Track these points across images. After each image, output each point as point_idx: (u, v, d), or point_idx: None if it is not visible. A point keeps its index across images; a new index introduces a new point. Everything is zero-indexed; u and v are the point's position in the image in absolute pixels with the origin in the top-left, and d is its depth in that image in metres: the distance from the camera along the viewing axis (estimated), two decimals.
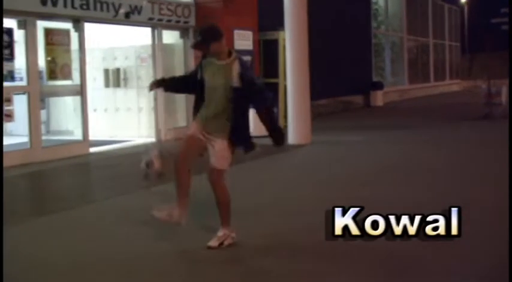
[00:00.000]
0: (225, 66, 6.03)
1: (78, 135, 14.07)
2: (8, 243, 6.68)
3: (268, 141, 6.35)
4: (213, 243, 6.09)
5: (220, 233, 6.17)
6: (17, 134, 14.15)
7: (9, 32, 12.05)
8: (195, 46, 6.40)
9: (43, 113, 14.02)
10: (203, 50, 6.19)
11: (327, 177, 10.40)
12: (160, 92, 6.82)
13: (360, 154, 12.99)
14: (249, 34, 17.42)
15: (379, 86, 26.98)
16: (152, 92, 9.40)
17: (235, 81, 5.98)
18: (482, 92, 21.21)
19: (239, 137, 6.17)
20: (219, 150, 6.11)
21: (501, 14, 21.56)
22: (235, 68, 6.00)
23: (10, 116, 12.19)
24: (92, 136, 14.08)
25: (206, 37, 6.00)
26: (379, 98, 26.52)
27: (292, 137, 14.37)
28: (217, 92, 6.06)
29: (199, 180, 6.42)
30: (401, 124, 18.54)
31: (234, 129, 6.09)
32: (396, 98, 29.63)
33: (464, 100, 28.17)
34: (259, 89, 6.26)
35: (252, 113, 6.16)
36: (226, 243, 6.13)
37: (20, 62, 12.40)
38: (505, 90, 20.44)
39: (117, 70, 16.47)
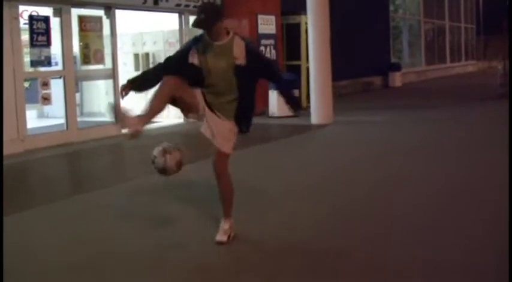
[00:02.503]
0: (225, 46, 5.40)
1: (111, 117, 14.13)
2: (50, 219, 6.88)
3: (292, 121, 6.22)
4: (223, 237, 5.65)
5: (225, 226, 5.72)
6: (53, 116, 14.35)
7: (46, 19, 12.15)
8: (198, 25, 5.31)
9: (77, 96, 14.12)
10: (207, 29, 5.35)
11: (350, 156, 10.48)
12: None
13: (380, 133, 13.00)
14: (272, 18, 17.41)
15: (397, 67, 26.89)
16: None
17: (239, 59, 5.40)
18: (498, 73, 21.12)
19: (243, 117, 5.58)
20: (224, 130, 5.53)
21: None
22: (238, 45, 5.42)
23: (48, 99, 12.37)
24: None
25: (211, 16, 5.29)
26: (397, 79, 26.44)
27: (314, 117, 14.44)
28: (220, 73, 5.44)
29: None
30: (419, 104, 18.50)
31: (240, 109, 5.53)
32: (414, 79, 29.55)
33: (480, 81, 28.06)
34: (272, 67, 5.89)
35: (276, 95, 5.99)
36: (232, 235, 5.72)
37: (55, 48, 12.51)
38: None
39: (147, 54, 16.52)
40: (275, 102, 15.75)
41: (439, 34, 35.96)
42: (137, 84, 5.63)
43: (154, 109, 5.29)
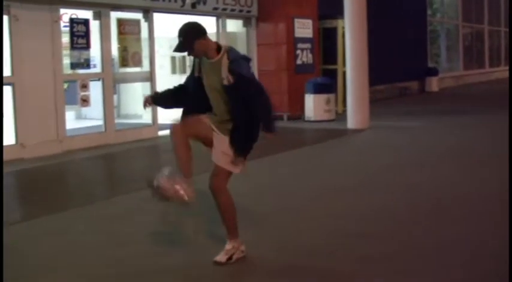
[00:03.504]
0: (215, 64, 5.25)
1: (147, 119, 14.30)
2: (87, 220, 7.00)
3: (329, 125, 6.14)
4: (221, 258, 5.37)
5: (228, 246, 5.42)
6: (90, 117, 14.53)
7: (86, 22, 12.34)
8: (177, 49, 5.32)
9: (114, 98, 14.27)
10: (188, 52, 5.33)
11: (386, 161, 10.48)
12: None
13: (416, 139, 12.94)
14: (309, 22, 17.43)
15: (434, 72, 26.75)
16: None
17: (225, 79, 5.21)
18: None
19: (236, 139, 5.32)
20: (221, 144, 5.32)
21: None
22: (224, 64, 5.22)
23: (86, 101, 12.55)
24: (160, 120, 14.31)
25: (187, 37, 5.23)
26: (434, 84, 26.29)
27: (351, 122, 14.43)
28: (214, 92, 5.35)
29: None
30: (456, 109, 18.37)
31: (234, 130, 5.30)
32: (451, 84, 29.35)
33: None
34: (252, 91, 5.33)
35: (312, 99, 5.77)
36: (235, 257, 5.39)
37: (95, 50, 12.68)
38: None
39: (183, 58, 16.63)
40: (311, 106, 15.80)
41: (477, 38, 35.70)
42: (158, 99, 5.69)
43: (185, 161, 5.30)
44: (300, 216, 6.91)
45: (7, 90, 10.98)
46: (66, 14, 12.43)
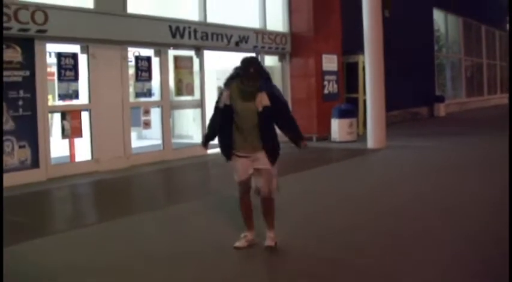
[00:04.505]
0: (254, 91, 5.55)
1: (197, 139, 14.43)
2: (152, 224, 7.21)
3: (352, 145, 6.27)
4: (271, 243, 5.83)
5: (272, 234, 5.86)
6: (150, 137, 14.73)
7: (148, 59, 12.66)
8: (256, 76, 5.48)
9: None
10: (256, 80, 5.49)
11: (400, 173, 10.65)
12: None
13: (427, 156, 12.99)
14: (334, 58, 17.59)
15: (441, 99, 26.65)
16: None
17: (260, 103, 5.56)
18: None
19: (273, 152, 5.73)
20: (263, 157, 5.71)
21: None
22: (263, 95, 5.56)
23: (148, 124, 12.83)
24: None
25: (259, 66, 5.58)
26: (441, 109, 26.17)
27: (370, 142, 14.48)
28: (248, 115, 5.60)
29: None
30: (461, 131, 18.34)
31: (268, 144, 5.70)
32: (456, 110, 29.23)
33: None
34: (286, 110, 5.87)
35: (337, 122, 5.96)
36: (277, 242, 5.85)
37: (155, 81, 12.97)
38: None
39: None
40: (337, 128, 15.92)
41: (477, 70, 35.57)
42: (209, 137, 6.01)
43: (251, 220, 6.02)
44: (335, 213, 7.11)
45: (85, 115, 11.33)
46: (132, 52, 12.75)
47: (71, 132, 10.99)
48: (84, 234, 6.72)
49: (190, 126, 15.50)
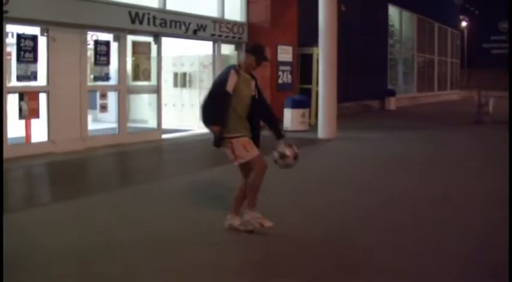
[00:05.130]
0: (251, 78, 5.89)
1: (153, 124, 14.71)
2: (105, 205, 7.42)
3: (303, 135, 6.36)
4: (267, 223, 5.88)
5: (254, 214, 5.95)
6: (105, 121, 14.81)
7: (107, 43, 12.80)
8: (266, 58, 6.03)
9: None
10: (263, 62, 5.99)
11: (348, 163, 11.08)
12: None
13: (375, 148, 13.46)
14: (290, 49, 17.96)
15: (392, 93, 27.23)
16: None
17: (253, 91, 5.89)
18: (475, 102, 21.65)
19: (258, 136, 5.99)
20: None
21: (491, 41, 21.86)
22: (253, 80, 5.92)
23: (105, 108, 13.01)
24: (164, 125, 14.81)
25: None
26: (392, 103, 26.73)
27: (321, 133, 14.85)
28: (247, 101, 5.85)
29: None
30: (411, 125, 18.90)
31: (256, 128, 5.97)
32: (407, 104, 29.91)
33: (462, 107, 28.41)
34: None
35: (290, 112, 6.09)
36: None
37: (113, 66, 13.10)
38: (492, 101, 20.94)
39: (184, 74, 17.15)
40: (289, 118, 16.28)
41: (429, 66, 36.42)
42: (220, 121, 5.72)
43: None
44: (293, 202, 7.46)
45: (43, 96, 11.46)
46: (92, 36, 12.88)
47: (28, 113, 11.09)
48: (35, 214, 6.83)
49: (145, 111, 15.66)
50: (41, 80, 11.45)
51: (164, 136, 14.64)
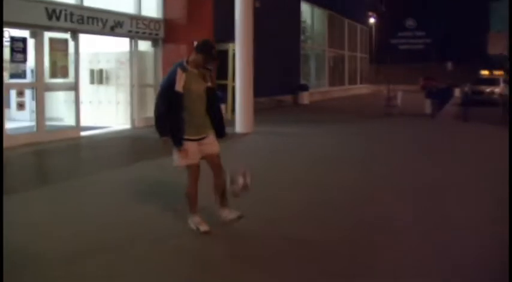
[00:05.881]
0: (201, 72, 5.79)
1: (71, 122, 14.57)
2: (21, 206, 7.39)
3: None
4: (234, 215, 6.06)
5: (227, 212, 6.10)
6: (19, 119, 14.64)
7: (24, 40, 12.64)
8: (216, 58, 5.74)
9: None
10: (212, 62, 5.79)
11: (264, 155, 11.46)
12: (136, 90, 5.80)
13: (291, 141, 13.95)
14: None
15: (305, 87, 27.89)
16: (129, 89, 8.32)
17: (210, 83, 5.83)
18: (383, 96, 22.64)
19: (221, 128, 6.03)
20: (213, 141, 5.97)
21: (398, 37, 22.83)
22: (207, 72, 5.85)
23: (22, 106, 12.86)
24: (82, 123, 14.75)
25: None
26: (305, 98, 27.37)
27: (239, 127, 15.24)
28: (198, 97, 5.77)
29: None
30: (323, 119, 19.61)
31: (218, 122, 5.97)
32: (319, 98, 30.67)
33: (371, 101, 29.54)
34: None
35: None
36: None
37: (30, 63, 12.99)
38: (399, 95, 21.99)
39: (101, 71, 17.04)
40: None
41: (339, 61, 37.48)
42: (166, 131, 5.74)
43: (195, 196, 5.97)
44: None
45: None
46: (8, 32, 12.61)
47: None
48: None
49: (62, 109, 15.49)
50: None
51: (83, 133, 14.58)
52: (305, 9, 30.50)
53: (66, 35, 14.05)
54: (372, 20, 50.10)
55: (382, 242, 5.68)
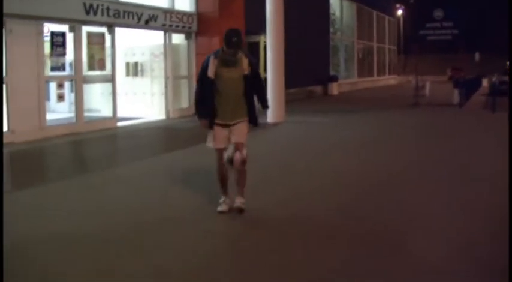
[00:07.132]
0: (239, 59, 5.82)
1: (108, 113, 14.74)
2: (66, 193, 7.45)
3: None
4: (243, 205, 6.06)
5: (242, 200, 6.08)
6: (60, 111, 14.84)
7: (63, 34, 12.81)
8: (237, 45, 5.69)
9: None
10: (240, 47, 5.74)
11: (295, 144, 11.46)
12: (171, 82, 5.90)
13: (322, 130, 13.95)
14: None
15: (334, 78, 27.86)
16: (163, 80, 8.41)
17: (246, 69, 5.84)
18: (412, 86, 22.45)
19: (254, 116, 6.01)
20: (242, 129, 5.98)
21: (426, 28, 22.55)
22: (244, 59, 5.86)
23: (62, 97, 13.05)
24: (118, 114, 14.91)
25: (241, 37, 5.74)
26: (335, 88, 27.38)
27: (270, 117, 15.10)
28: (233, 82, 5.83)
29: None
30: (352, 109, 19.49)
31: (251, 110, 5.99)
32: (348, 89, 30.60)
33: (400, 91, 29.27)
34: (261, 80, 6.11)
35: None
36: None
37: (69, 57, 13.16)
38: (428, 85, 21.81)
39: (136, 63, 17.19)
40: None
41: (368, 53, 37.24)
42: (203, 114, 5.96)
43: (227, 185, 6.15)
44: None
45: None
46: (48, 27, 12.83)
47: None
48: None
49: (99, 100, 15.67)
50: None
51: (119, 124, 14.74)
52: (334, 1, 30.38)
53: (103, 29, 14.19)
54: (399, 12, 49.66)
55: (423, 228, 5.67)
